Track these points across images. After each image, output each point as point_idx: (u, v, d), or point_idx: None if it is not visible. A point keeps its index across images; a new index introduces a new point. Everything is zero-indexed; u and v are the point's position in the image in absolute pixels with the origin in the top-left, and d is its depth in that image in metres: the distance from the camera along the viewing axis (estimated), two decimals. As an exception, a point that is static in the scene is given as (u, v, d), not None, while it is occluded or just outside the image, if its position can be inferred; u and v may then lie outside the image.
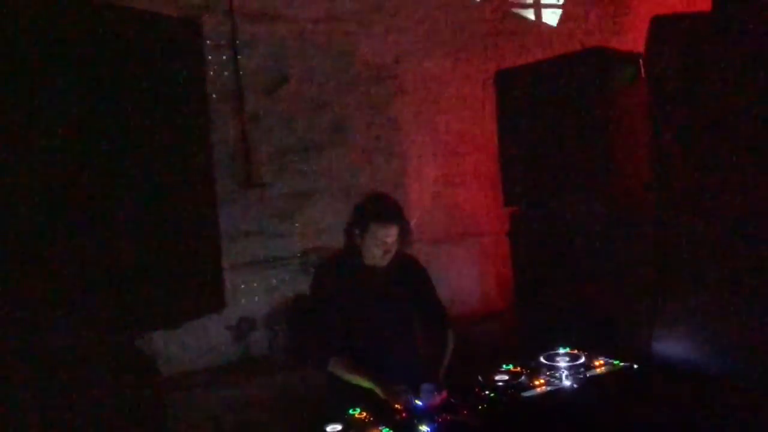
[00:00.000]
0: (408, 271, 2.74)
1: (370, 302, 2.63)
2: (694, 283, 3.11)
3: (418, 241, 3.09)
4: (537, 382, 2.40)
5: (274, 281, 4.44)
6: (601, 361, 2.59)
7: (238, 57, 4.24)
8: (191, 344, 4.04)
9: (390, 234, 2.53)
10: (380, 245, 2.54)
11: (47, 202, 1.56)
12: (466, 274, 5.29)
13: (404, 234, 2.59)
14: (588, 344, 2.75)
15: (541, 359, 2.63)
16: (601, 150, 3.67)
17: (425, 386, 2.26)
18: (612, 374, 2.50)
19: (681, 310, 3.14)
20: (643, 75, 3.63)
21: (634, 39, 5.39)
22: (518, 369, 2.55)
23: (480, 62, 5.29)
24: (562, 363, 2.58)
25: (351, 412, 2.25)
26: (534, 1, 5.60)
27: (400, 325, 2.69)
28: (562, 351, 2.71)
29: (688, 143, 3.09)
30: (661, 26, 2.98)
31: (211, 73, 4.10)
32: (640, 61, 3.65)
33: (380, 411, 2.24)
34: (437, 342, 2.68)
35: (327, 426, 2.13)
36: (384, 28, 4.89)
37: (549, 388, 2.38)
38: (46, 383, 1.56)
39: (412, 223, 2.70)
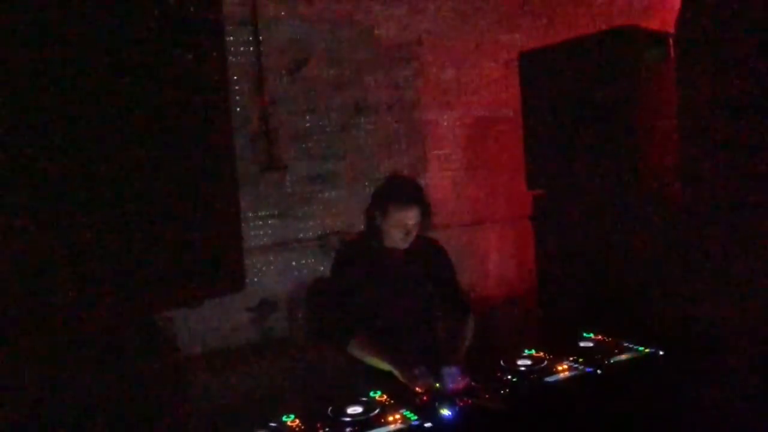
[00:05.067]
0: (429, 254, 2.71)
1: (391, 284, 2.62)
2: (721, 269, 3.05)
3: (440, 225, 3.06)
4: (560, 368, 2.37)
5: (295, 263, 4.45)
6: (626, 347, 2.55)
7: (260, 37, 4.21)
8: (212, 326, 4.07)
9: (410, 216, 2.50)
10: (401, 227, 2.52)
11: (64, 180, 1.56)
12: (488, 258, 5.25)
13: (425, 216, 2.56)
14: (612, 330, 2.71)
15: (564, 344, 2.59)
16: (628, 133, 3.59)
17: (449, 370, 2.24)
18: (637, 360, 2.46)
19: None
20: (672, 55, 3.52)
21: (662, 20, 5.25)
22: (541, 354, 2.52)
23: (504, 43, 5.21)
24: (586, 349, 2.54)
25: (372, 394, 2.24)
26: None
27: (420, 308, 2.68)
28: (585, 336, 2.67)
29: (716, 127, 3.01)
30: (693, 4, 2.88)
31: (232, 53, 4.07)
32: (670, 40, 3.55)
33: (401, 394, 2.23)
34: (457, 326, 2.66)
35: (348, 408, 2.13)
36: (406, 8, 4.82)
37: (572, 374, 2.34)
38: (66, 362, 1.57)
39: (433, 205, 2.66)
